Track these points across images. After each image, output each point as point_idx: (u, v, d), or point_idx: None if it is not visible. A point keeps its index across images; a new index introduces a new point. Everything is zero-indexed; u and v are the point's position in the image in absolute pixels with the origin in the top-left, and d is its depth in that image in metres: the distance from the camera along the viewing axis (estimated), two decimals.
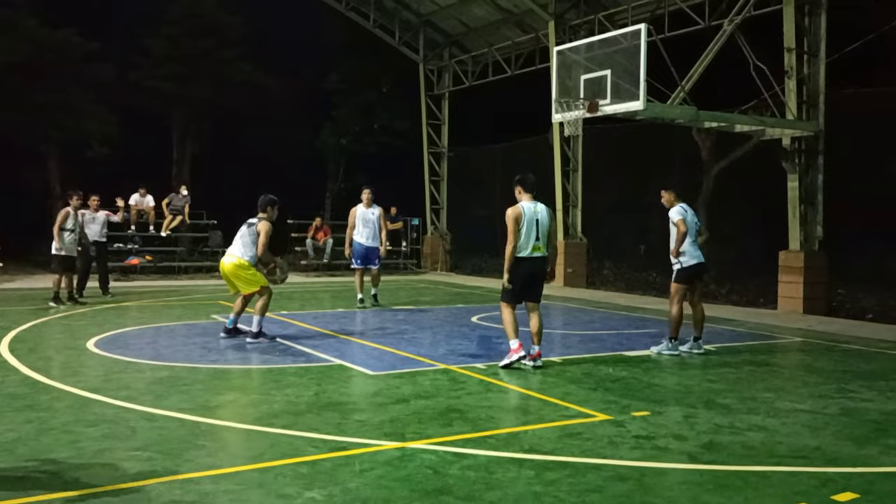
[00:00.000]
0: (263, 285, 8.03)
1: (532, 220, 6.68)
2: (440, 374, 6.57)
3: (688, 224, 7.58)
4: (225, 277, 8.16)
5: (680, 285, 7.69)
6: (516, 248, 6.66)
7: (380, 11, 19.63)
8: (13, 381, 6.08)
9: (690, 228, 7.61)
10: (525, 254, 6.68)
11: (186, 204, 17.62)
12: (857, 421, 5.23)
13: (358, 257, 11.49)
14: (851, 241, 12.50)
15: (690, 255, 7.64)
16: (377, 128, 24.75)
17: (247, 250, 7.95)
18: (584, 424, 4.98)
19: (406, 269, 20.40)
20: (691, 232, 7.62)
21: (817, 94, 12.02)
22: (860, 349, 8.50)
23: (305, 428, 4.76)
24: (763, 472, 4.13)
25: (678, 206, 7.71)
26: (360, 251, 11.45)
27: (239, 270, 7.93)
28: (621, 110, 10.32)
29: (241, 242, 8.00)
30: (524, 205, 6.76)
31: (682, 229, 7.53)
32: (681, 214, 7.61)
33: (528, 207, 6.73)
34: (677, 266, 7.71)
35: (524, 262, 6.70)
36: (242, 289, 8.03)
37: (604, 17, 15.49)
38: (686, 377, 6.63)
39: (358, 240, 11.44)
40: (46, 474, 3.86)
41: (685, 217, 7.59)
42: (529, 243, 6.67)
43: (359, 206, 11.59)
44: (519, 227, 6.64)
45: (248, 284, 8.00)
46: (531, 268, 6.73)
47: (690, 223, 7.64)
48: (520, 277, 6.72)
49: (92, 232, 12.57)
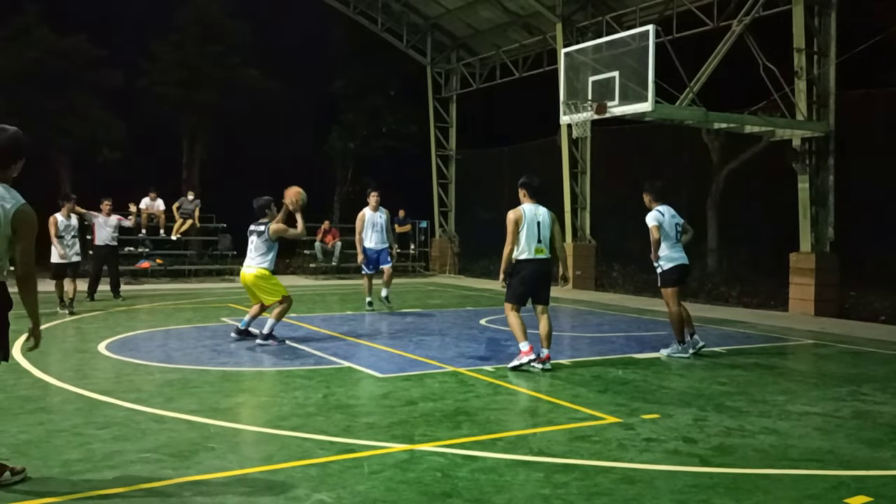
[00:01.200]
0: (285, 295, 8.02)
1: (533, 222, 6.72)
2: (449, 376, 6.56)
3: (665, 227, 7.59)
4: (247, 289, 8.16)
5: (668, 289, 7.66)
6: (514, 250, 6.71)
7: (387, 15, 19.68)
8: (25, 383, 6.12)
9: (669, 231, 7.61)
10: (527, 256, 6.71)
11: (196, 208, 17.71)
12: (870, 424, 5.18)
13: (369, 262, 11.32)
14: (863, 242, 12.41)
15: (670, 259, 7.64)
16: (385, 131, 24.80)
17: (263, 259, 7.96)
18: (593, 427, 4.96)
19: (414, 271, 20.40)
20: (670, 234, 7.63)
21: (827, 94, 11.94)
22: (872, 351, 8.43)
23: (314, 430, 4.76)
24: (774, 475, 4.09)
25: (654, 210, 7.71)
26: (370, 255, 11.32)
27: (260, 281, 7.94)
28: (629, 112, 10.29)
29: (255, 252, 8.00)
30: (525, 207, 6.80)
31: (654, 236, 7.55)
32: (656, 220, 7.60)
33: (528, 209, 6.77)
34: (659, 270, 7.73)
35: (527, 263, 6.72)
36: (265, 300, 8.03)
37: (611, 19, 15.47)
38: (696, 380, 6.60)
39: (367, 244, 11.30)
40: (57, 476, 3.87)
41: (661, 222, 7.59)
42: (531, 245, 6.69)
43: (366, 209, 11.47)
44: (519, 230, 6.69)
45: (271, 294, 7.98)
46: (535, 269, 6.74)
47: (668, 226, 7.62)
48: (524, 279, 6.74)
49: (104, 235, 12.61)
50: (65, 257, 10.84)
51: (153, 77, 22.68)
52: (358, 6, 19.39)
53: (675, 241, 7.67)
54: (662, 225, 7.58)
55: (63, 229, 10.96)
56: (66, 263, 10.89)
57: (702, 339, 7.85)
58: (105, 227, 12.59)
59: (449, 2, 18.33)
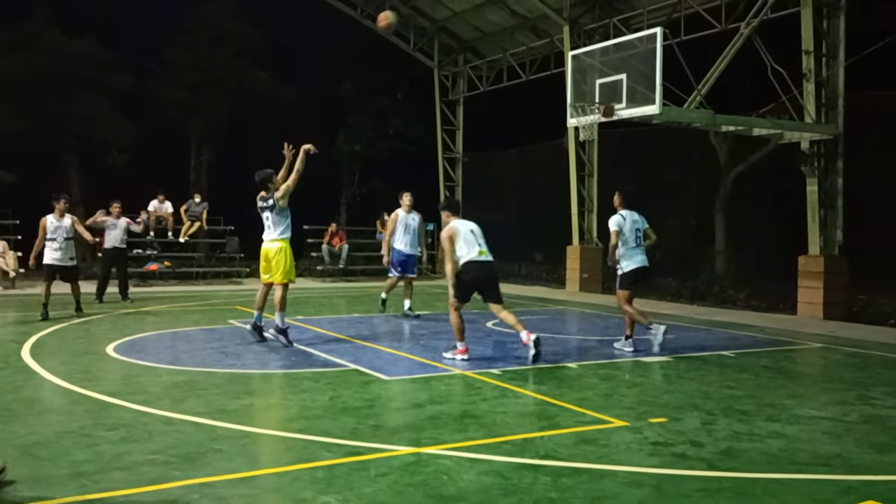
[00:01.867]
0: (291, 279, 8.16)
1: (467, 229, 7.26)
2: (455, 379, 6.56)
3: (625, 231, 7.91)
4: (265, 260, 8.17)
5: (624, 291, 8.01)
6: (456, 258, 7.14)
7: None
8: (34, 384, 6.15)
9: (629, 234, 7.93)
10: (471, 258, 7.15)
11: (204, 210, 17.78)
12: (880, 428, 5.15)
13: (398, 265, 10.83)
14: (872, 245, 12.34)
15: (630, 260, 7.95)
16: (392, 134, 24.84)
17: (283, 231, 8.04)
18: (600, 431, 4.95)
19: (422, 274, 20.40)
20: (630, 237, 7.94)
21: (836, 96, 11.88)
22: (882, 355, 8.37)
23: (321, 432, 4.77)
24: (783, 479, 4.07)
25: (617, 215, 8.03)
26: (400, 259, 10.81)
27: (280, 256, 7.99)
28: (637, 114, 10.27)
29: (274, 227, 8.04)
30: (455, 223, 7.34)
31: (612, 240, 7.93)
32: (616, 224, 7.93)
33: (460, 223, 7.33)
34: (619, 272, 8.05)
35: (472, 265, 7.15)
36: (276, 276, 8.05)
37: (619, 22, 15.44)
38: (704, 383, 6.57)
39: (398, 247, 10.78)
40: (65, 477, 3.89)
41: (621, 226, 7.90)
42: (473, 249, 7.16)
43: (399, 210, 10.94)
44: (455, 244, 7.18)
45: (283, 273, 8.03)
46: (482, 270, 7.18)
47: (628, 230, 7.93)
48: (471, 281, 7.18)
49: (112, 238, 12.67)
50: (54, 259, 10.28)
51: (162, 80, 22.81)
52: (365, 9, 19.43)
53: (635, 245, 8.01)
54: (623, 229, 7.92)
55: (53, 231, 10.32)
56: (57, 266, 10.35)
57: (709, 343, 7.85)
58: (113, 229, 12.67)
59: (456, 5, 18.36)
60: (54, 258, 10.34)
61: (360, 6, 19.33)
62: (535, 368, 6.93)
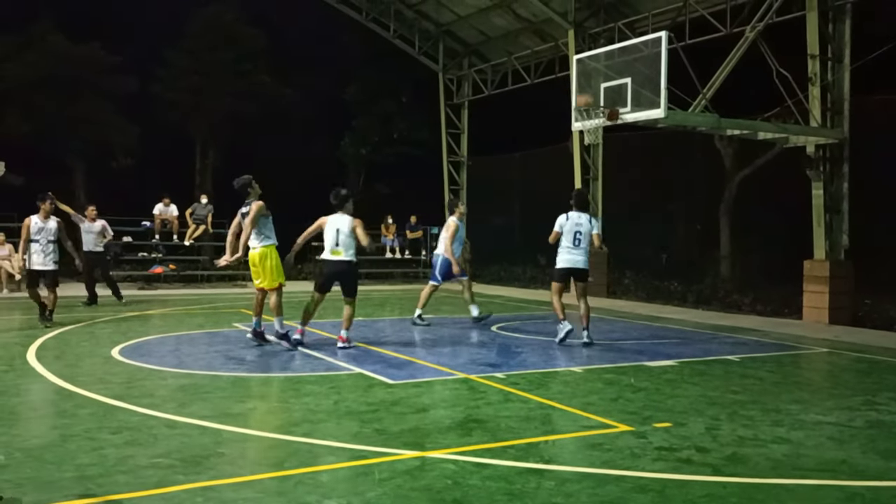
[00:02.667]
0: (282, 283, 8.23)
1: (333, 227, 8.00)
2: (460, 383, 6.55)
3: (564, 231, 8.65)
4: (254, 266, 8.27)
5: (553, 283, 8.91)
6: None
7: (399, 22, 19.75)
8: (39, 388, 6.17)
9: (567, 235, 8.64)
10: (324, 256, 8.06)
11: (209, 213, 17.80)
12: (885, 434, 5.12)
13: (445, 273, 10.55)
14: (878, 249, 12.28)
15: (560, 258, 8.74)
16: (397, 137, 24.88)
17: (263, 238, 8.16)
18: (605, 435, 4.94)
19: (426, 277, 20.38)
20: (566, 238, 8.64)
21: (842, 100, 11.85)
22: (888, 360, 8.33)
23: (325, 436, 4.77)
24: (788, 485, 4.06)
25: (562, 215, 8.71)
26: (448, 267, 10.51)
27: (266, 261, 8.10)
28: (642, 118, 10.25)
29: (254, 234, 8.16)
30: (331, 217, 8.10)
31: (551, 237, 8.73)
32: (558, 224, 8.69)
33: (332, 217, 8.09)
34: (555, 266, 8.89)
35: (325, 263, 8.08)
36: (266, 281, 8.12)
37: (624, 25, 15.44)
38: (709, 388, 6.55)
39: (448, 255, 10.48)
40: (69, 481, 3.90)
41: (561, 226, 8.65)
42: (328, 248, 7.99)
43: (453, 218, 10.69)
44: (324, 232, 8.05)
45: (272, 277, 8.11)
46: (331, 268, 8.04)
47: (567, 230, 8.62)
48: (323, 275, 8.17)
49: (87, 241, 12.42)
50: (35, 263, 9.83)
51: (167, 83, 22.88)
52: (370, 13, 19.48)
53: (572, 246, 8.66)
54: (563, 228, 8.65)
55: (36, 232, 9.74)
56: (38, 271, 9.87)
57: (714, 347, 7.80)
58: (89, 233, 12.49)
59: (461, 8, 18.38)
60: (35, 261, 9.83)
61: (364, 10, 19.37)
62: (539, 372, 6.93)
